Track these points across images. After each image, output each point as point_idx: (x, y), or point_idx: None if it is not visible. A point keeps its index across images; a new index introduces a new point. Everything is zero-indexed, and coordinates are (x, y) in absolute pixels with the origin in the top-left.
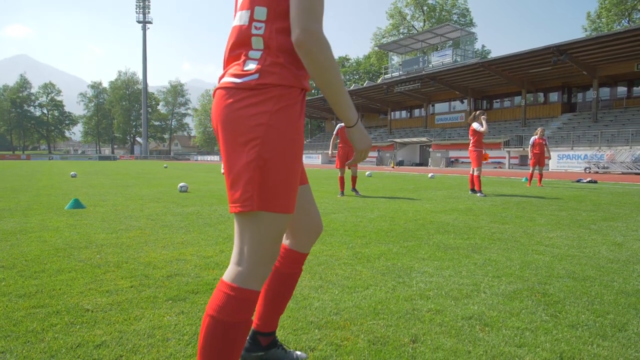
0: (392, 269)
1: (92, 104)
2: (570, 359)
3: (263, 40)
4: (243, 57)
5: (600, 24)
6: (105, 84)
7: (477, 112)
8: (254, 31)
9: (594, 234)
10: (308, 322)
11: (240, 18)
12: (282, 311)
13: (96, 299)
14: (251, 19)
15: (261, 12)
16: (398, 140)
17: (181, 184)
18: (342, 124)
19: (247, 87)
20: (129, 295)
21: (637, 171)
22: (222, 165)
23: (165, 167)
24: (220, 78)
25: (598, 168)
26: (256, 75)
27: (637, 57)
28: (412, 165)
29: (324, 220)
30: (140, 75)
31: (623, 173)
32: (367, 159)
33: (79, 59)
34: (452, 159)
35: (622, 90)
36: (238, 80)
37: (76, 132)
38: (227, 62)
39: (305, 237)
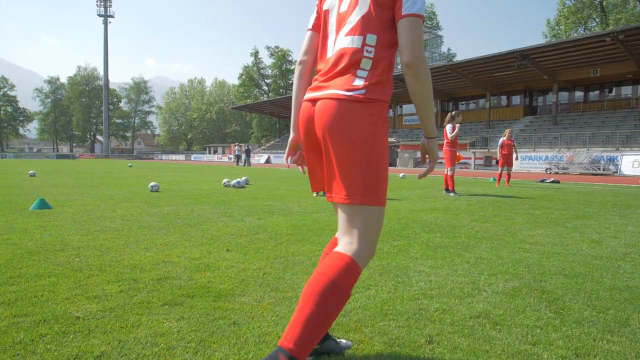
0: (388, 269)
1: (49, 100)
2: (586, 355)
3: (372, 63)
4: (351, 75)
5: (559, 31)
6: (63, 79)
7: (454, 113)
8: (365, 54)
9: (572, 232)
10: None
11: (352, 41)
12: (322, 335)
13: (85, 306)
14: (363, 44)
15: (372, 38)
16: None
17: (152, 184)
18: None
19: (356, 100)
20: (120, 301)
21: (594, 172)
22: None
23: (130, 166)
24: (316, 89)
25: (558, 169)
26: (363, 91)
27: (593, 64)
28: None
29: (308, 220)
30: (101, 71)
31: (581, 174)
32: None
33: (34, 52)
34: (419, 159)
35: (579, 94)
36: (348, 94)
37: (31, 129)
38: (328, 75)
39: (370, 252)
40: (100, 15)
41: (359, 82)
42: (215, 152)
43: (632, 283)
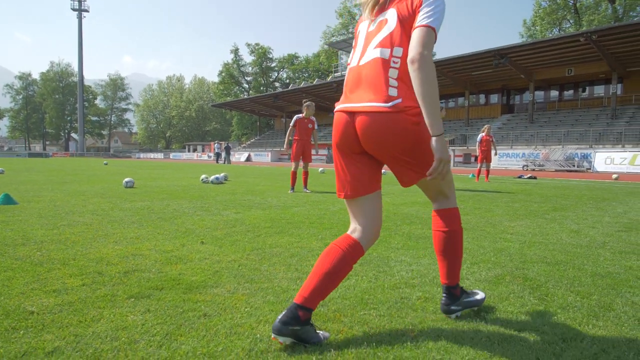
0: (369, 259)
1: (20, 97)
2: (573, 339)
3: (398, 72)
4: (384, 86)
5: (535, 31)
6: (36, 75)
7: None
8: (392, 65)
9: (551, 223)
10: None
11: (380, 52)
12: (328, 293)
13: (41, 300)
14: (391, 55)
15: (399, 51)
16: None
17: (126, 179)
18: (301, 115)
19: (397, 110)
20: (81, 295)
21: (569, 168)
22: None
23: (106, 164)
24: (350, 101)
25: (535, 166)
26: (400, 100)
27: (567, 63)
28: None
29: (287, 214)
30: (75, 67)
31: (557, 170)
32: (318, 157)
33: (4, 47)
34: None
35: (554, 93)
36: (388, 105)
37: (1, 127)
38: (359, 85)
39: (372, 237)
40: (74, 10)
41: (393, 92)
42: (194, 150)
43: (613, 269)
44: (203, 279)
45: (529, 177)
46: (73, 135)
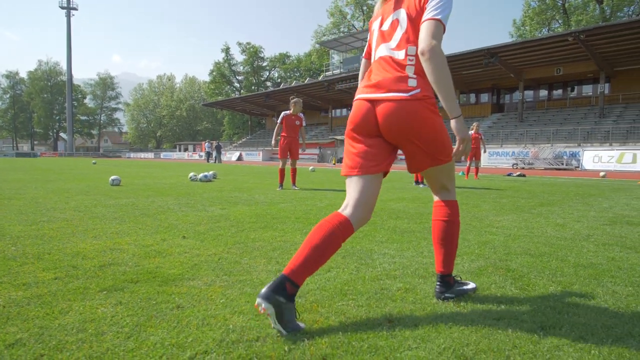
0: (352, 252)
1: (8, 96)
2: (552, 327)
3: (414, 69)
4: (404, 80)
5: (525, 31)
6: (23, 74)
7: None
8: (408, 63)
9: (537, 217)
10: None
11: (397, 53)
12: (315, 268)
13: (9, 293)
14: (406, 54)
15: (412, 49)
16: (339, 137)
17: (113, 177)
18: (288, 112)
19: (416, 98)
20: (52, 288)
21: (558, 166)
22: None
23: (94, 164)
24: (370, 91)
25: (524, 164)
26: (418, 90)
27: (556, 63)
28: None
29: (272, 210)
30: (64, 66)
31: (546, 168)
32: (309, 156)
33: None
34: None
35: (544, 93)
36: (407, 95)
37: None
38: (378, 77)
39: (363, 216)
40: (62, 7)
41: (412, 83)
42: (185, 149)
43: (596, 260)
44: (180, 272)
45: (518, 175)
46: (62, 134)
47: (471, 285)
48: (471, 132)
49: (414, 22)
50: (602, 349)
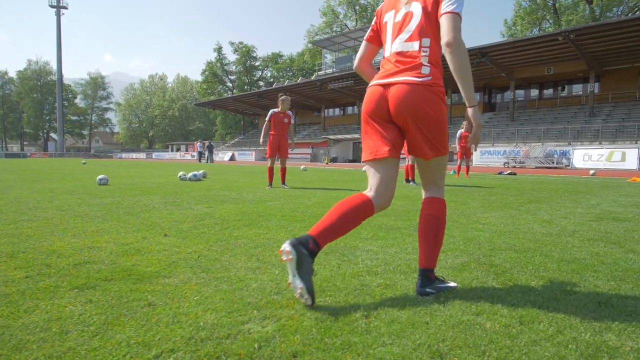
0: (335, 249)
1: None
2: (530, 322)
3: (428, 59)
4: (418, 68)
5: (516, 31)
6: (12, 74)
7: None
8: (422, 53)
9: (524, 214)
10: (245, 303)
11: (412, 45)
12: (336, 236)
13: None
14: (420, 46)
15: (427, 41)
16: (332, 137)
17: (100, 177)
18: (276, 110)
19: (427, 84)
20: (21, 287)
21: (549, 165)
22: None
23: (84, 164)
24: (386, 78)
25: (515, 163)
26: (430, 78)
27: (547, 62)
28: (345, 162)
29: (259, 208)
30: (54, 65)
31: (537, 167)
32: (302, 155)
33: None
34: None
35: (534, 92)
36: (419, 79)
37: None
38: (395, 68)
39: (384, 200)
40: (52, 6)
41: (425, 71)
42: (178, 150)
43: (580, 255)
44: (157, 269)
45: (509, 174)
46: (52, 135)
47: (452, 284)
48: (461, 130)
49: (430, 15)
50: (579, 343)
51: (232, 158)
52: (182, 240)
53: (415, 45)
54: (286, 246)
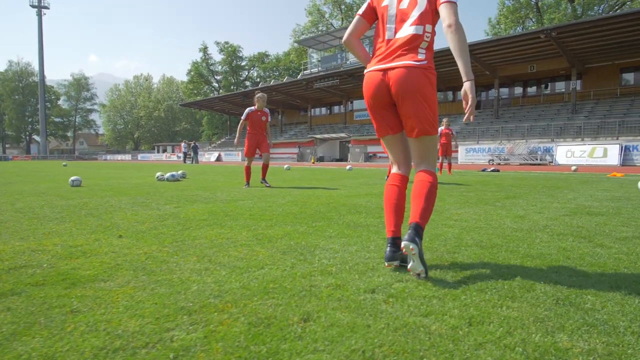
0: (294, 248)
1: None
2: (480, 323)
3: (427, 44)
4: (416, 52)
5: (500, 30)
6: None
7: None
8: (424, 38)
9: (499, 209)
10: (178, 308)
11: (416, 29)
12: (402, 220)
13: None
14: (424, 31)
15: (429, 27)
16: (318, 136)
17: (73, 178)
18: (252, 108)
19: (423, 67)
20: None
21: (532, 162)
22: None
23: (65, 166)
24: (385, 62)
25: (500, 160)
26: (425, 62)
27: (530, 60)
28: (332, 161)
29: (229, 207)
30: (36, 66)
31: (521, 164)
32: (288, 155)
33: None
34: (371, 154)
35: (518, 90)
36: (417, 63)
37: None
38: (395, 52)
39: (406, 169)
40: (33, 6)
41: (422, 56)
42: (164, 151)
43: (546, 251)
44: (97, 272)
45: (492, 170)
46: (35, 137)
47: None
48: (441, 128)
49: (432, 3)
50: (527, 345)
51: (218, 158)
52: (136, 242)
53: (419, 30)
54: (408, 243)
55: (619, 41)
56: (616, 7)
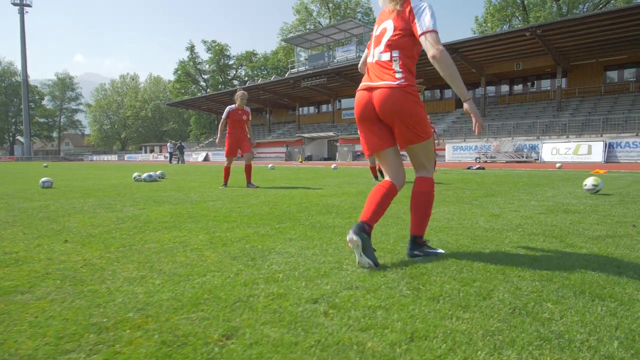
0: (247, 252)
1: None
2: (423, 338)
3: (399, 65)
4: (393, 73)
5: (486, 28)
6: None
7: None
8: (394, 61)
9: (475, 208)
10: (89, 324)
11: (385, 55)
12: (379, 217)
13: None
14: (391, 57)
15: (396, 52)
16: (306, 135)
17: (43, 179)
18: (233, 107)
19: (401, 87)
20: None
21: (518, 159)
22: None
23: (46, 167)
24: (370, 82)
25: (487, 158)
26: (404, 80)
27: (516, 58)
28: (320, 160)
29: (196, 209)
30: (18, 66)
31: (507, 161)
32: (276, 154)
33: None
34: (359, 153)
35: (505, 88)
36: (395, 83)
37: None
38: (376, 74)
39: (399, 182)
40: (15, 4)
41: (399, 76)
42: (152, 151)
43: (514, 251)
44: (18, 283)
45: (478, 168)
46: (19, 138)
47: (440, 250)
48: None
49: (398, 30)
50: None
51: (206, 158)
52: (81, 247)
53: (387, 56)
54: (352, 236)
55: (603, 39)
56: (600, 5)
